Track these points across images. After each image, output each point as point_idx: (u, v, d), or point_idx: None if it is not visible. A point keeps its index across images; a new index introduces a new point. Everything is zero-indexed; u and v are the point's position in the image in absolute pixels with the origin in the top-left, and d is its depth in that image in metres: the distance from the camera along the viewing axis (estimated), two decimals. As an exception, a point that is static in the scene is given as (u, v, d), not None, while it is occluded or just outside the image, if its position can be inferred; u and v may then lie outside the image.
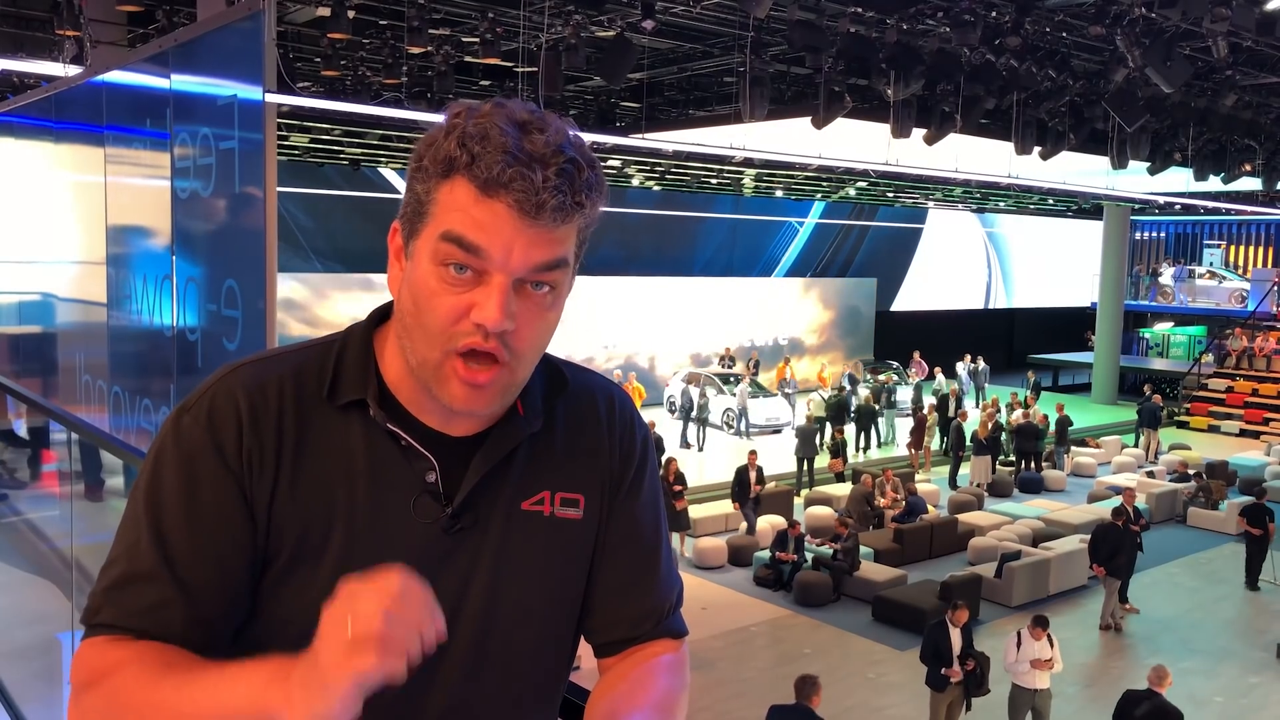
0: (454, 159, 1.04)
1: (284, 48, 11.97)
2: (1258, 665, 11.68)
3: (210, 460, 1.11)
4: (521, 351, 1.09)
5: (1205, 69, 12.56)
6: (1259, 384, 27.29)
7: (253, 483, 1.12)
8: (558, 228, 1.06)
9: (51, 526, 5.61)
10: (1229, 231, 36.52)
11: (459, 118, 1.06)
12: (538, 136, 1.04)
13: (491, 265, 1.04)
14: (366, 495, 1.14)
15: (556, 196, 1.03)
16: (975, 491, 18.64)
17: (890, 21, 10.78)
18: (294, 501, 1.12)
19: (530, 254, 1.05)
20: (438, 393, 1.10)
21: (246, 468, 1.11)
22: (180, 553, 1.10)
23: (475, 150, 1.02)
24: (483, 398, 1.09)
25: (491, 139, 1.02)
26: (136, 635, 1.09)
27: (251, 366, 1.16)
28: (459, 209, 1.04)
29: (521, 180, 1.02)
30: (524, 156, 1.02)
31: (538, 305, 1.09)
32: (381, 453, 1.14)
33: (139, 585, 1.10)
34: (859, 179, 22.44)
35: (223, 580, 1.11)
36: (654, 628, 1.29)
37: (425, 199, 1.07)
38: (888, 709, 10.51)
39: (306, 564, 1.13)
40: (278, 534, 1.13)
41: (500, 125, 1.03)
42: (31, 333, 6.04)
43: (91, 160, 4.66)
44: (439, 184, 1.05)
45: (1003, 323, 37.52)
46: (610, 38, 10.88)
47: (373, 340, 1.19)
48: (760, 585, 14.03)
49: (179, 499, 1.11)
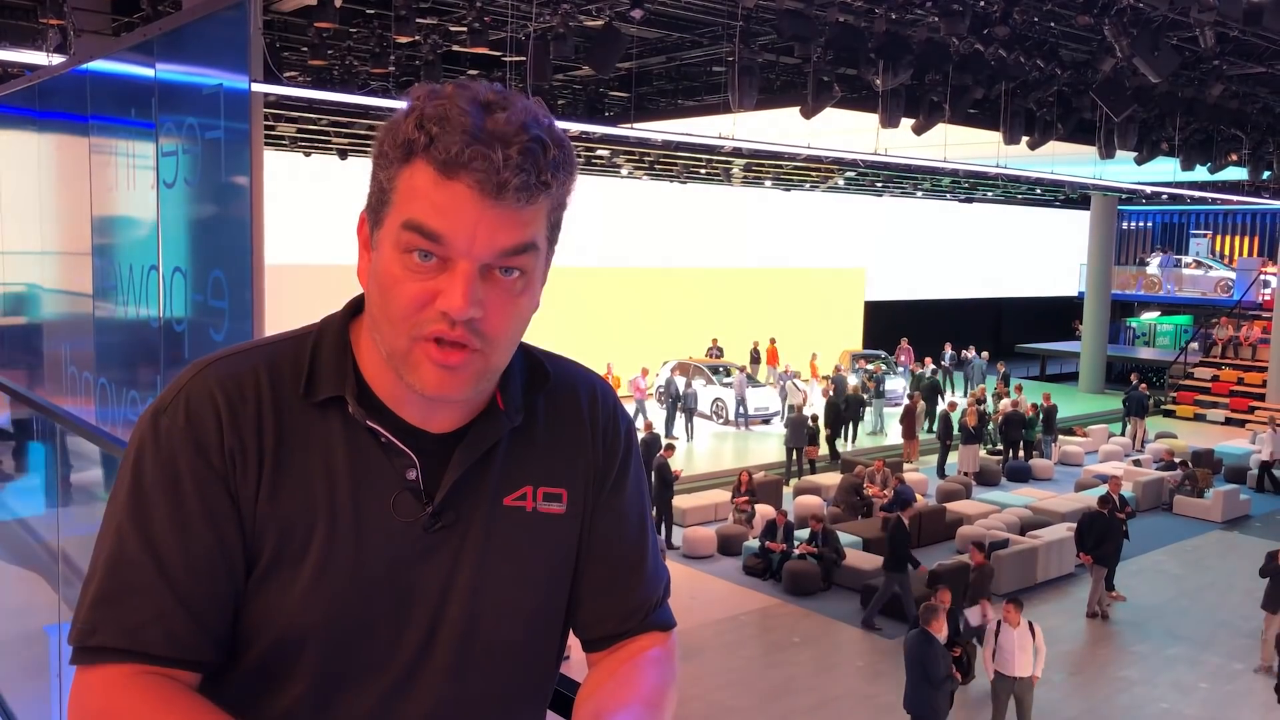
0: (413, 141, 1.00)
1: (270, 37, 11.89)
2: (1243, 652, 11.78)
3: (193, 460, 1.07)
4: (493, 337, 1.05)
5: (1192, 59, 12.59)
6: (1244, 373, 27.47)
7: (238, 482, 1.08)
8: (523, 209, 1.01)
9: (38, 519, 5.58)
10: (1215, 221, 36.71)
11: (419, 100, 1.02)
12: (500, 115, 1.00)
13: (455, 251, 1.01)
14: (347, 494, 1.10)
15: (519, 175, 0.99)
16: (963, 480, 18.73)
17: (879, 11, 10.77)
18: (275, 502, 1.09)
19: (495, 238, 1.01)
20: (410, 381, 1.06)
21: (230, 466, 1.07)
22: (173, 560, 1.05)
23: (434, 131, 0.99)
24: (456, 381, 1.06)
25: (451, 119, 0.99)
26: (139, 658, 1.04)
27: (224, 362, 1.12)
28: (420, 194, 1.00)
29: (481, 160, 0.98)
30: (484, 135, 0.98)
31: (507, 291, 1.04)
32: (361, 450, 1.11)
33: (133, 598, 1.04)
34: (848, 168, 22.46)
35: (219, 586, 1.07)
36: (642, 621, 1.27)
37: (387, 186, 1.03)
38: (877, 697, 10.56)
39: (286, 566, 1.09)
40: (260, 535, 1.09)
41: (461, 105, 0.99)
42: (16, 324, 6.00)
43: (76, 150, 4.62)
44: (400, 169, 1.02)
45: (990, 312, 37.65)
46: (599, 27, 10.84)
47: (349, 332, 1.16)
48: (749, 574, 14.08)
49: (165, 502, 1.06)
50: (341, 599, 1.10)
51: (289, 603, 1.09)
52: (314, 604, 1.09)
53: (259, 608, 1.10)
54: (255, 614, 1.10)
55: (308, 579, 1.09)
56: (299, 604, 1.09)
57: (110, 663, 1.04)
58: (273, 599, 1.09)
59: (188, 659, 1.06)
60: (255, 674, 1.11)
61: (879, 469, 17.05)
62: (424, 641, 1.14)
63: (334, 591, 1.10)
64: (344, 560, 1.10)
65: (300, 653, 1.11)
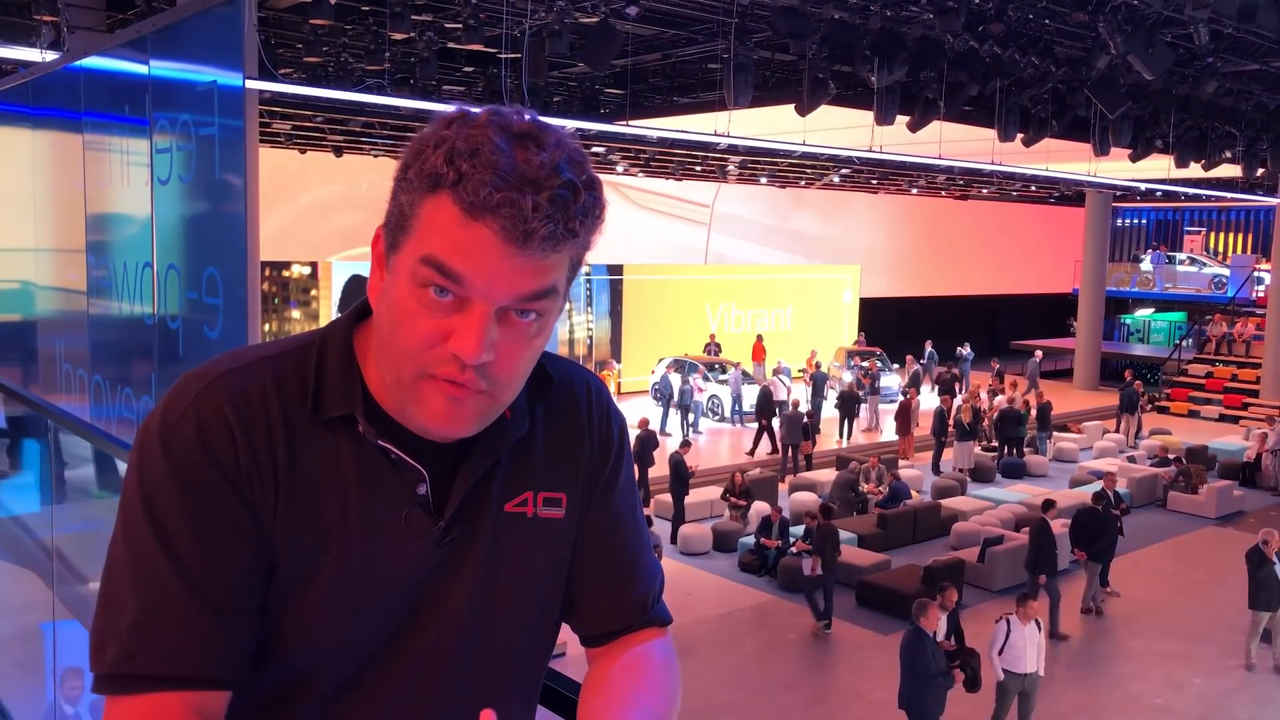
0: (440, 175, 0.96)
1: (265, 33, 11.87)
2: (1237, 647, 11.81)
3: (212, 476, 1.04)
4: (503, 381, 1.04)
5: (1186, 56, 12.61)
6: (1238, 369, 27.54)
7: (258, 500, 1.06)
8: (548, 256, 0.98)
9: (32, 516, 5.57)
10: (1210, 218, 36.78)
11: (450, 129, 0.97)
12: (534, 155, 0.96)
13: (473, 293, 0.98)
14: (358, 511, 1.09)
15: (547, 225, 0.95)
16: (958, 477, 18.77)
17: (874, 8, 10.78)
18: (290, 521, 1.07)
19: (516, 284, 0.98)
20: (412, 414, 1.05)
21: (249, 486, 1.05)
22: (204, 578, 1.02)
23: (463, 169, 0.95)
24: (461, 418, 1.04)
25: (482, 156, 0.95)
26: (180, 684, 1.01)
27: (230, 377, 1.08)
28: (442, 230, 0.97)
29: (510, 206, 0.94)
30: (515, 179, 0.94)
31: (522, 334, 1.02)
32: (371, 467, 1.10)
33: (167, 620, 1.01)
34: (843, 165, 22.47)
35: (248, 602, 1.06)
36: (639, 618, 1.28)
37: (409, 212, 1.00)
38: (871, 694, 10.58)
39: (299, 585, 1.08)
40: (275, 554, 1.07)
41: (493, 140, 0.95)
42: (10, 321, 5.99)
43: (70, 147, 4.61)
44: (423, 198, 0.98)
45: (985, 309, 37.69)
46: (594, 24, 10.83)
47: (353, 340, 1.13)
48: (745, 571, 14.10)
49: (187, 521, 1.03)
50: (355, 616, 1.10)
51: (302, 622, 1.09)
52: (327, 622, 1.09)
53: (272, 626, 1.09)
54: (268, 632, 1.09)
55: (321, 597, 1.09)
56: (312, 623, 1.09)
57: (151, 691, 1.01)
58: (286, 618, 1.09)
59: (225, 678, 1.04)
60: (268, 690, 1.11)
61: (874, 465, 17.07)
62: (430, 650, 1.15)
63: (347, 608, 1.10)
64: (357, 577, 1.10)
65: (313, 670, 1.11)
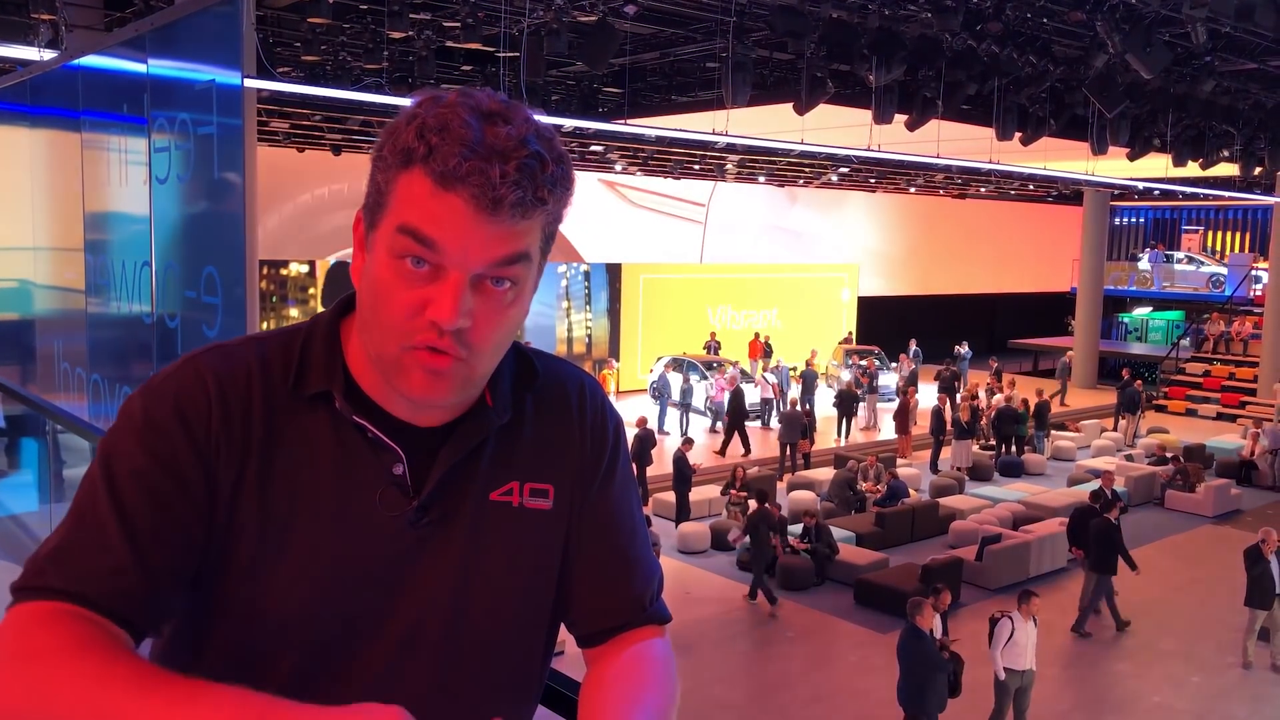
0: (412, 150, 1.01)
1: (263, 32, 11.86)
2: (1235, 646, 11.82)
3: (178, 438, 1.08)
4: (478, 348, 1.07)
5: (1184, 55, 12.62)
6: (1235, 368, 27.57)
7: (219, 468, 1.09)
8: (518, 223, 1.03)
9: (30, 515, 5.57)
10: (1207, 217, 36.80)
11: (421, 107, 1.03)
12: (501, 128, 1.01)
13: (448, 260, 1.02)
14: (332, 488, 1.12)
15: (515, 192, 1.00)
16: (956, 475, 18.78)
17: (872, 7, 10.79)
18: (260, 494, 1.10)
19: (488, 250, 1.02)
20: (396, 385, 1.08)
21: (214, 452, 1.08)
22: (136, 518, 1.05)
23: (433, 142, 1.00)
24: (441, 386, 1.07)
25: (451, 130, 1.00)
26: (77, 600, 1.02)
27: (216, 352, 1.14)
28: (416, 201, 1.01)
29: (478, 175, 0.99)
30: (483, 150, 0.99)
31: (498, 302, 1.06)
32: (348, 445, 1.13)
33: (91, 552, 1.04)
34: (841, 164, 22.48)
35: (175, 561, 1.07)
36: (637, 616, 1.28)
37: (384, 189, 1.04)
38: (871, 692, 10.58)
39: (269, 558, 1.10)
40: (240, 527, 1.10)
41: (462, 116, 1.00)
42: (8, 320, 5.99)
43: (68, 146, 4.61)
44: (397, 175, 1.03)
45: (983, 308, 37.73)
46: (592, 22, 10.83)
47: (339, 329, 1.17)
48: (743, 569, 14.09)
49: (142, 473, 1.06)
50: (323, 591, 1.11)
51: (270, 594, 1.10)
52: (295, 595, 1.10)
53: (240, 599, 1.11)
54: (238, 604, 1.11)
55: (290, 571, 1.10)
56: (280, 595, 1.10)
57: (48, 600, 1.02)
58: (255, 590, 1.10)
59: (126, 617, 1.04)
60: (235, 664, 1.10)
61: (872, 464, 17.08)
62: (408, 636, 1.15)
63: (315, 583, 1.11)
64: (327, 553, 1.11)
65: (280, 644, 1.12)
